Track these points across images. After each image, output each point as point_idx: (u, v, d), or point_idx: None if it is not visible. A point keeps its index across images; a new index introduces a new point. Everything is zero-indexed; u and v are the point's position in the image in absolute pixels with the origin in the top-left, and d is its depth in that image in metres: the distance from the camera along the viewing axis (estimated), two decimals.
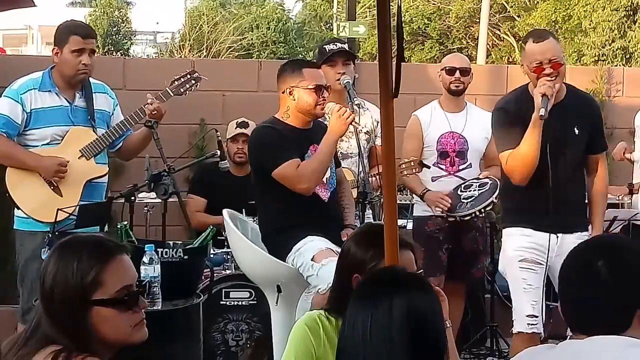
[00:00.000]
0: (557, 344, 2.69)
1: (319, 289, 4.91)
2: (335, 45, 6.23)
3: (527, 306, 5.26)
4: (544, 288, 5.27)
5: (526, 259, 5.26)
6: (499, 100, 5.65)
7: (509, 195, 5.56)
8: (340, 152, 5.97)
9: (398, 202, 3.38)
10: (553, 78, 5.17)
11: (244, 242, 5.45)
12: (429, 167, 6.40)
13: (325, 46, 6.28)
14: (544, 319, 5.29)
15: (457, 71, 6.64)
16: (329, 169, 5.39)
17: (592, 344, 2.54)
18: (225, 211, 5.63)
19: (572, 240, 5.18)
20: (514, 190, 5.40)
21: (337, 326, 3.45)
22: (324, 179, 5.37)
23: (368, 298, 2.54)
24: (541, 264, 5.23)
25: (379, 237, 3.39)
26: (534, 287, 5.26)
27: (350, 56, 6.37)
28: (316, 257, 5.04)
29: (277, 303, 5.33)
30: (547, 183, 5.18)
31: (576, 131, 5.37)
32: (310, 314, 3.65)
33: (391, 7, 2.80)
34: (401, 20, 2.75)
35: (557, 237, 5.30)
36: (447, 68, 6.66)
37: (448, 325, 3.12)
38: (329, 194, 5.43)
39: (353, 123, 5.24)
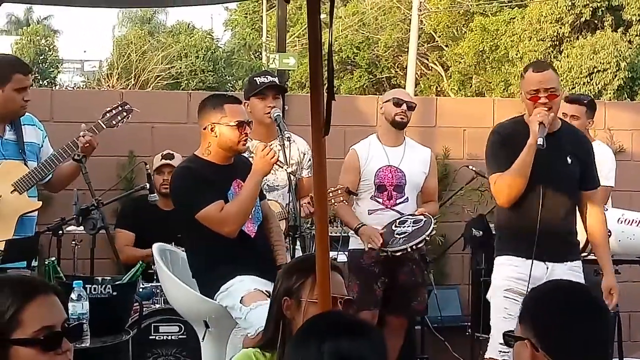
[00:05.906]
0: None
1: (248, 332, 4.86)
2: (267, 78, 6.14)
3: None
4: None
5: (512, 289, 5.22)
6: (496, 125, 5.63)
7: (501, 224, 5.51)
8: (267, 185, 5.92)
9: (330, 234, 3.48)
10: (548, 108, 5.18)
11: (172, 280, 5.41)
12: (356, 194, 6.46)
13: (256, 78, 6.18)
14: None
15: (405, 104, 6.65)
16: None
17: None
18: (154, 246, 5.58)
19: (563, 270, 5.23)
20: (505, 219, 5.41)
21: None
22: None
23: (301, 344, 2.54)
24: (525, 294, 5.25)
25: (303, 262, 3.65)
26: (514, 317, 5.26)
27: (281, 90, 6.36)
28: (245, 300, 4.96)
29: (203, 338, 5.30)
30: (536, 212, 5.15)
31: (569, 160, 5.36)
32: (245, 352, 3.63)
33: (323, 47, 2.81)
34: (332, 60, 2.76)
35: (547, 267, 5.27)
36: (395, 100, 6.65)
37: None
38: (255, 228, 5.36)
39: (278, 162, 5.20)
